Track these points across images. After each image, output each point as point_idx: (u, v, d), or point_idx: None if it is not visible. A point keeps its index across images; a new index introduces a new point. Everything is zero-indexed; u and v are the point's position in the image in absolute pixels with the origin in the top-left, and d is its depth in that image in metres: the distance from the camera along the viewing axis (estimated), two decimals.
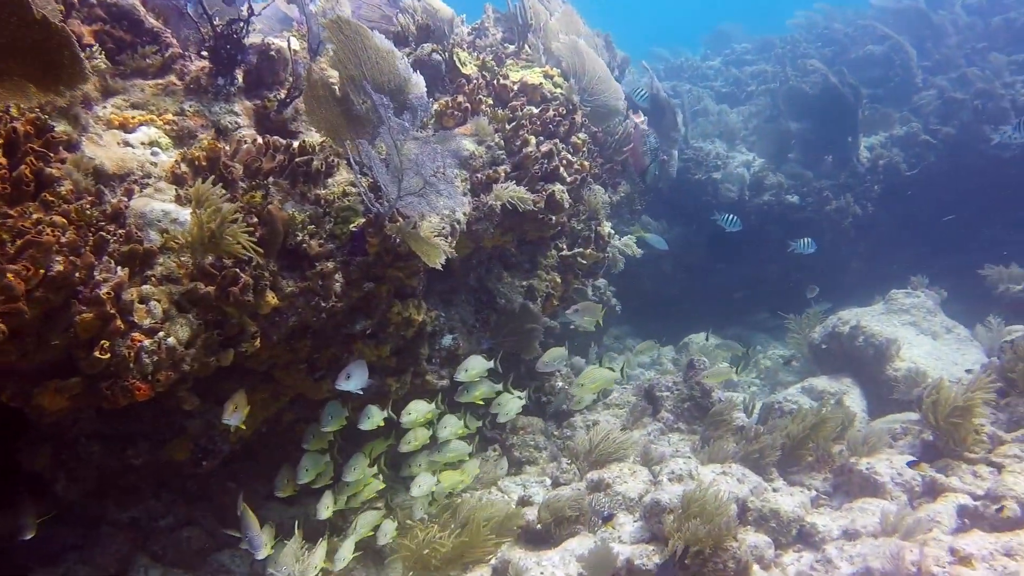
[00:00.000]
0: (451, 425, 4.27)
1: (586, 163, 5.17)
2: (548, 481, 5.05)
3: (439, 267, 3.94)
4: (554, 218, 5.02)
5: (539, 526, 4.27)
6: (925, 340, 7.28)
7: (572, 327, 8.79)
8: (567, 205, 4.80)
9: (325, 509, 4.04)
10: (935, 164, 11.33)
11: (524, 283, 5.44)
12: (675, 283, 10.77)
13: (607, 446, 4.66)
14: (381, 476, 4.37)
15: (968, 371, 6.81)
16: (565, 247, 5.75)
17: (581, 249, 5.65)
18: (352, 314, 4.36)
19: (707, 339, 9.52)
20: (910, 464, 4.58)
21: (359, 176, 3.95)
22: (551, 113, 4.90)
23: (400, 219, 4.00)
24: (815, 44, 13.98)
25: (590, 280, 7.57)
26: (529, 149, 4.51)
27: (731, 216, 8.49)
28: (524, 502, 4.67)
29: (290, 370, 4.46)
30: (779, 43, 13.96)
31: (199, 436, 4.21)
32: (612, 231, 5.94)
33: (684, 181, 10.24)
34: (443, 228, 4.28)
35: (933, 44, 13.69)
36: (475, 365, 4.32)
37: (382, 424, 4.30)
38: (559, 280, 5.62)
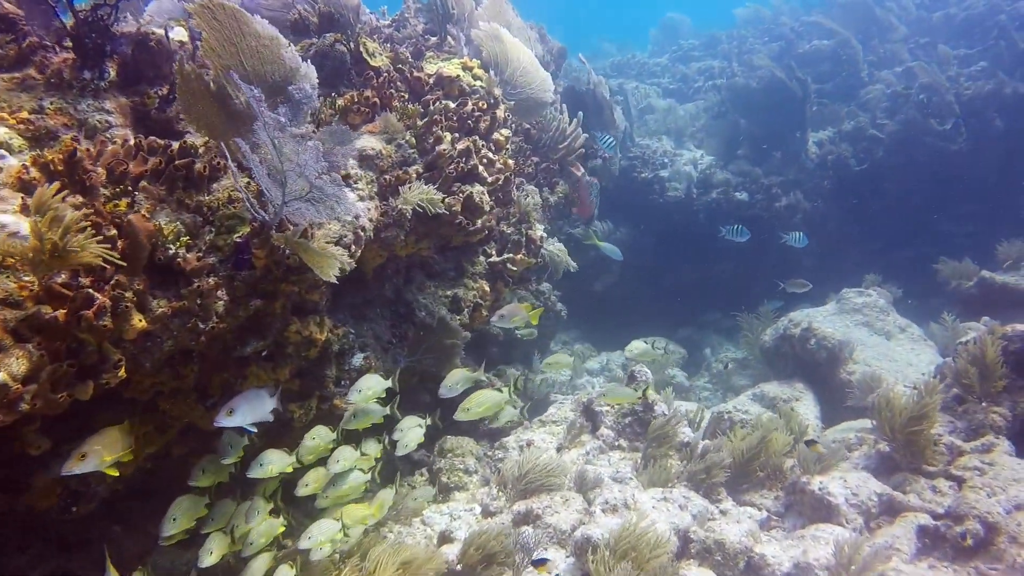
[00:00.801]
0: (345, 457, 3.78)
1: (510, 162, 4.73)
2: (478, 509, 4.60)
3: (333, 280, 3.46)
4: (477, 222, 4.57)
5: (459, 567, 3.81)
6: (879, 340, 7.01)
7: (519, 335, 8.40)
8: (488, 208, 4.35)
9: (208, 555, 3.52)
10: (883, 159, 11.20)
11: (449, 293, 4.98)
12: (624, 285, 10.42)
13: (536, 474, 4.22)
14: (281, 515, 3.87)
15: (924, 374, 6.56)
16: (494, 253, 5.30)
17: (511, 255, 5.21)
18: (243, 334, 3.85)
19: (655, 347, 9.17)
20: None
21: (239, 180, 3.45)
22: (470, 107, 4.45)
23: (289, 227, 3.51)
24: (762, 39, 13.81)
25: (531, 285, 7.17)
26: (443, 147, 4.05)
27: (737, 226, 8.16)
28: (445, 538, 4.20)
29: (177, 399, 3.94)
30: (725, 39, 13.76)
31: (68, 480, 3.67)
32: (545, 234, 5.52)
33: (630, 180, 9.90)
34: (344, 236, 3.80)
35: (879, 38, 13.63)
36: (369, 385, 3.83)
37: (287, 471, 3.80)
38: (488, 288, 5.18)
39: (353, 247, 3.86)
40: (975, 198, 11.31)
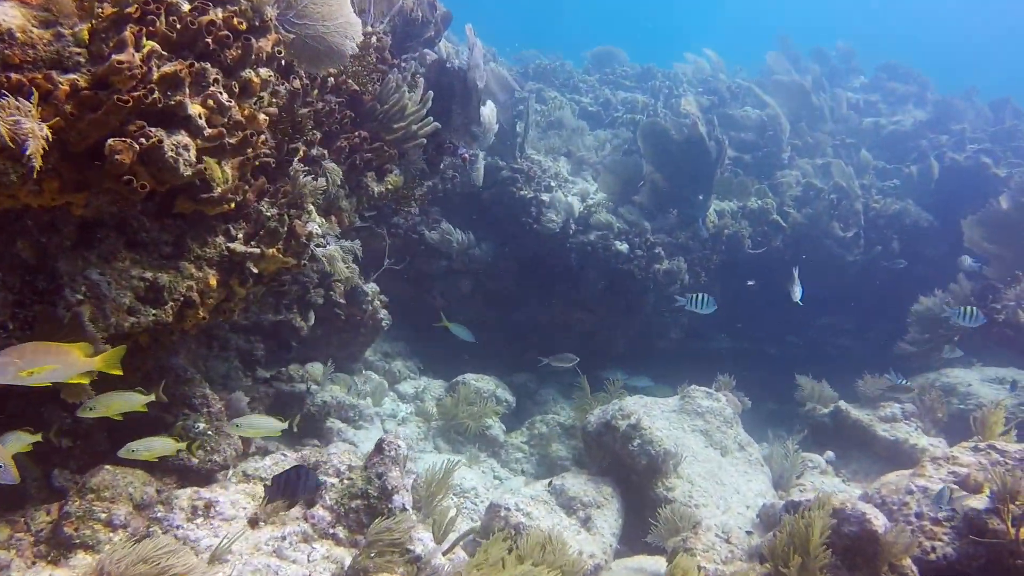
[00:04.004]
0: None
1: (260, 116, 3.29)
2: None
3: None
4: (216, 189, 3.11)
5: None
6: (712, 455, 6.00)
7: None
8: (187, 171, 2.88)
9: None
10: (779, 248, 10.49)
11: (148, 275, 3.46)
12: (472, 306, 9.13)
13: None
14: None
15: (747, 507, 5.58)
16: (241, 236, 3.83)
17: (258, 247, 3.76)
18: None
19: (480, 389, 7.94)
20: None
21: None
22: (215, 18, 2.99)
23: None
24: (697, 89, 12.95)
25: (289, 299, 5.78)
26: (123, 57, 2.57)
27: (702, 295, 6.85)
28: None
29: None
30: (661, 76, 12.79)
31: None
32: (319, 231, 4.09)
33: (506, 194, 8.63)
34: None
35: (808, 124, 13.06)
36: None
37: None
38: (214, 282, 3.70)
39: None
40: (856, 315, 10.81)
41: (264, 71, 3.25)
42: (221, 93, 2.96)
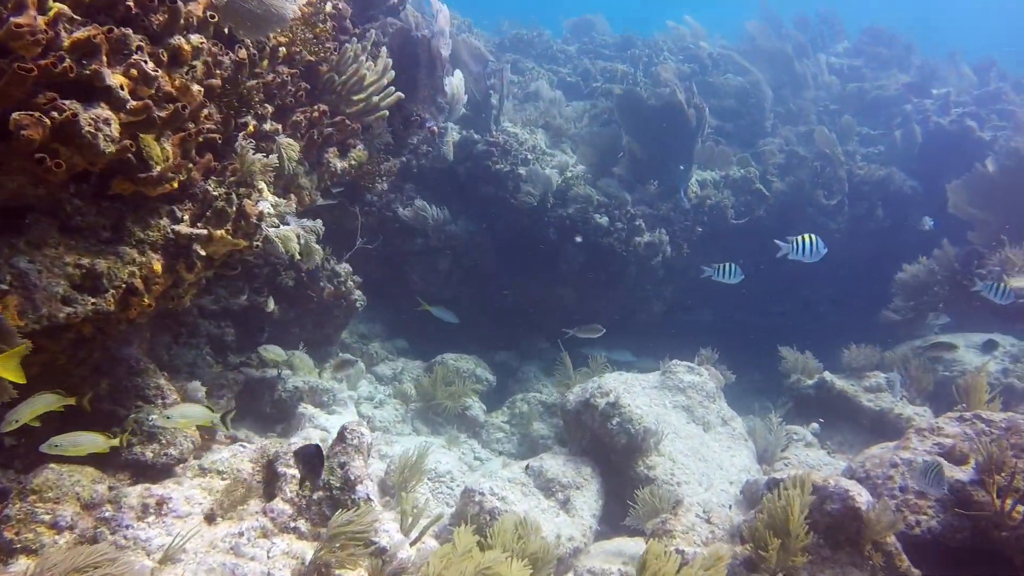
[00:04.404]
0: None
1: (194, 87, 3.06)
2: None
3: None
4: (155, 168, 2.88)
5: None
6: (695, 431, 5.87)
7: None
8: (109, 147, 2.65)
9: None
10: (763, 218, 10.32)
11: (84, 261, 3.24)
12: (450, 285, 8.93)
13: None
14: None
15: (731, 483, 5.46)
16: (187, 218, 3.60)
17: (205, 229, 3.53)
18: None
19: (460, 367, 7.77)
20: None
21: None
22: None
23: None
24: (677, 57, 12.67)
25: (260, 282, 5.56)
26: (22, 20, 2.32)
27: (730, 265, 6.06)
28: None
29: None
30: (640, 44, 12.50)
31: None
32: (271, 209, 3.86)
33: (481, 168, 8.39)
34: None
35: (791, 91, 12.84)
36: None
37: None
38: (159, 268, 3.48)
39: None
40: (840, 284, 10.68)
41: (196, 38, 3.00)
42: (146, 62, 2.72)
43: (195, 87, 3.05)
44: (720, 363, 7.20)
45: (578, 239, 8.40)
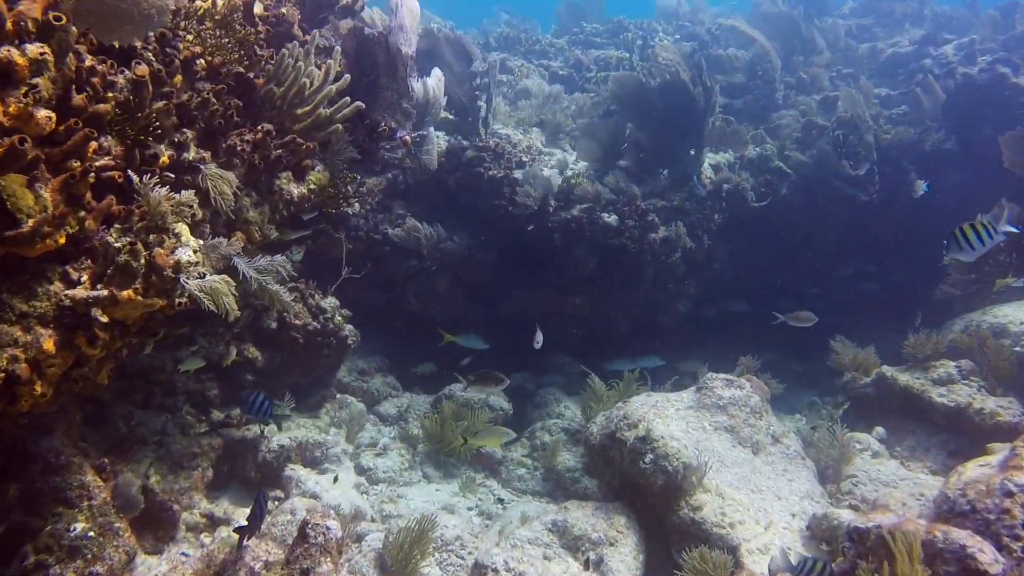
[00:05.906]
0: None
1: (40, 114, 2.29)
2: None
3: None
4: (27, 222, 2.13)
5: None
6: (743, 457, 5.04)
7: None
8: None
9: None
10: (786, 197, 9.44)
11: None
12: (453, 306, 8.15)
13: None
14: None
15: (793, 515, 4.62)
16: (85, 279, 2.86)
17: (107, 290, 2.78)
18: None
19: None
20: None
21: None
22: None
23: None
24: (674, 37, 11.83)
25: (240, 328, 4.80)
26: None
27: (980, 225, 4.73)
28: None
29: None
30: (632, 27, 11.67)
31: None
32: (193, 256, 3.07)
33: (473, 176, 7.62)
34: None
35: (803, 58, 11.94)
36: None
37: None
38: (51, 345, 2.73)
39: None
40: (880, 258, 9.78)
41: (33, 48, 2.25)
42: None
43: (41, 113, 2.30)
44: (761, 365, 6.34)
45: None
